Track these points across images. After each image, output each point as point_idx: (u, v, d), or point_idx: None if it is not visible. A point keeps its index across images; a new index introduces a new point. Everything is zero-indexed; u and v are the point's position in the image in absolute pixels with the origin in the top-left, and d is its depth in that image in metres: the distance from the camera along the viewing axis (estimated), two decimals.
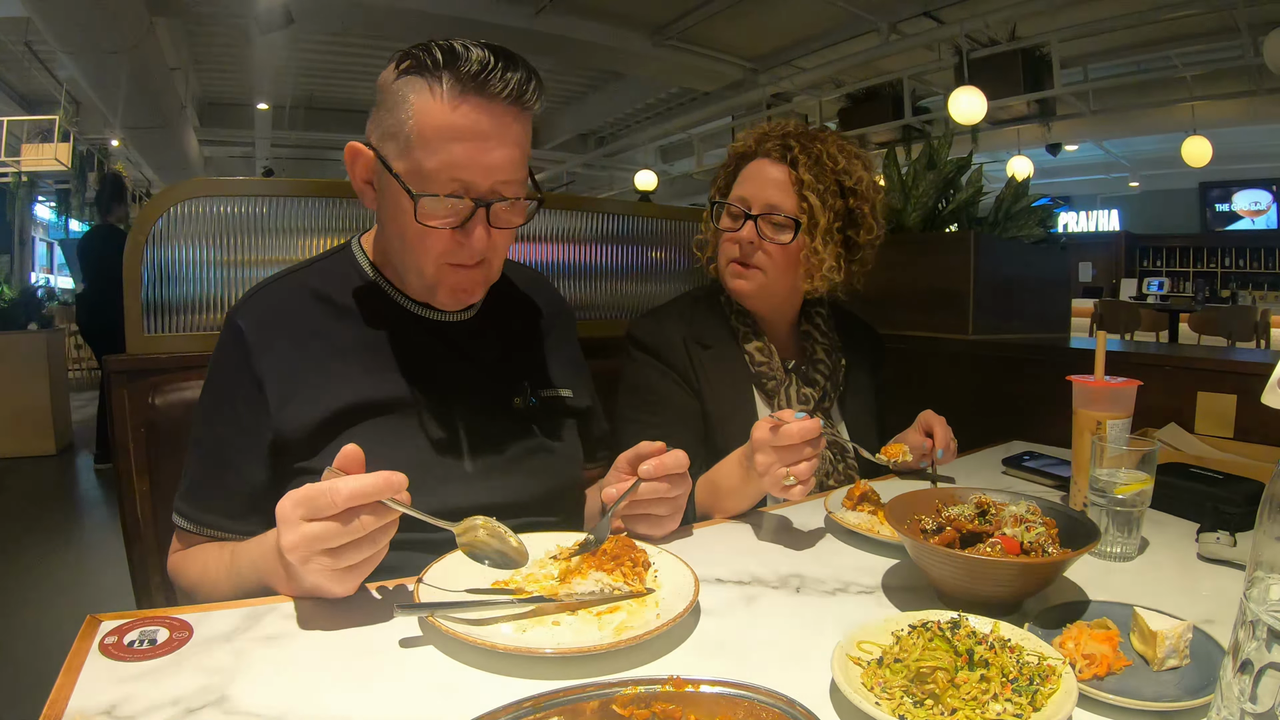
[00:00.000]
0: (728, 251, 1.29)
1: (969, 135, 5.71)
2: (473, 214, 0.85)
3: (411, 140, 0.82)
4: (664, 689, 0.56)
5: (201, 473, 0.91)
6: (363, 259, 0.99)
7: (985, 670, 0.57)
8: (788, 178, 1.25)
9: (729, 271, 1.29)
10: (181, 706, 0.57)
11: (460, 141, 0.81)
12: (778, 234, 1.25)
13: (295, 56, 7.36)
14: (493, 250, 0.90)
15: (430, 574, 0.77)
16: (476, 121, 0.81)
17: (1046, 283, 2.41)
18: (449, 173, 0.82)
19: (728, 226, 1.29)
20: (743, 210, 1.26)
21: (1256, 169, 10.07)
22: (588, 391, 1.13)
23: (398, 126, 0.83)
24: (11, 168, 8.21)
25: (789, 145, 1.25)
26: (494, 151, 0.83)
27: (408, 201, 0.83)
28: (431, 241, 0.86)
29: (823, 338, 1.37)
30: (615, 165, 10.98)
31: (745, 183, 1.28)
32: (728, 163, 1.34)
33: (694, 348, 1.27)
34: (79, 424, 5.90)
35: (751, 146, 1.29)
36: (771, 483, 0.94)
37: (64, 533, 3.76)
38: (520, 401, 1.00)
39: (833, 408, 1.34)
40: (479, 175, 0.83)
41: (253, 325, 0.90)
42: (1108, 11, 5.20)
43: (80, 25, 5.00)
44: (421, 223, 0.84)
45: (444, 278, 0.90)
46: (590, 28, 6.25)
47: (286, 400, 0.88)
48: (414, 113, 0.81)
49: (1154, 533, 0.99)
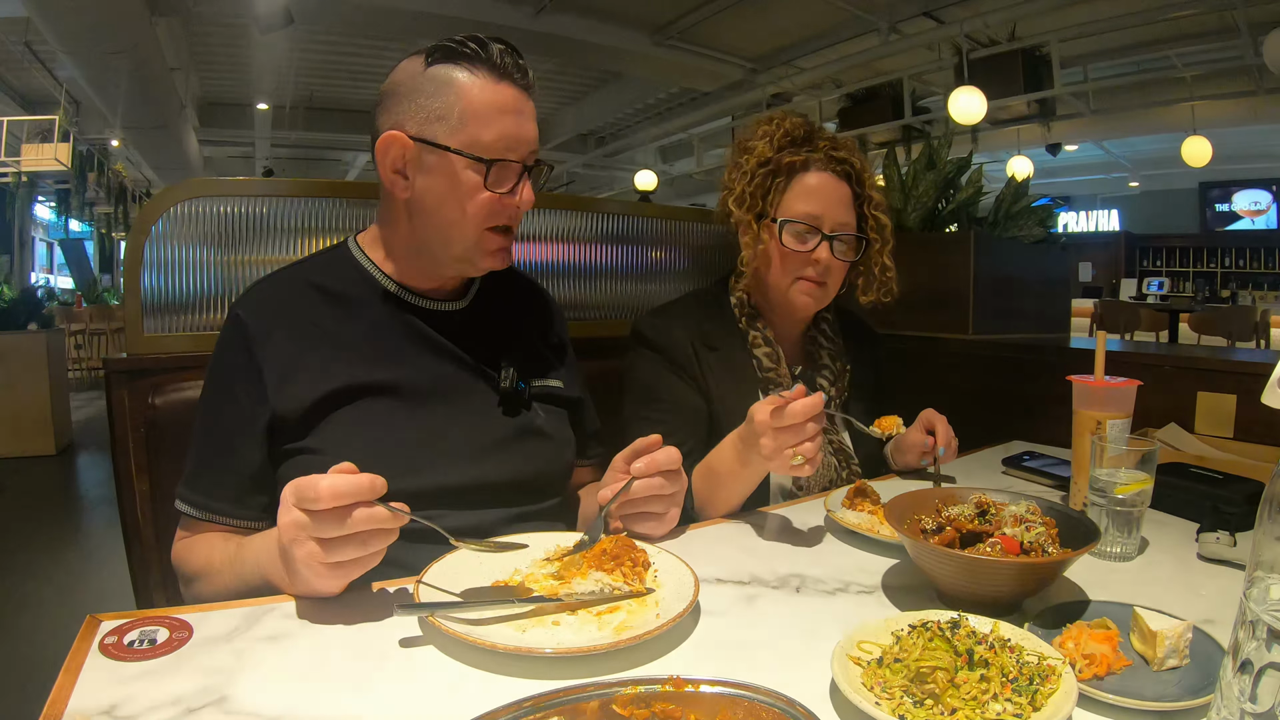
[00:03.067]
0: (796, 270, 1.25)
1: (969, 135, 5.73)
2: (520, 177, 0.95)
3: (465, 118, 0.90)
4: (664, 689, 0.56)
5: (204, 459, 0.93)
6: (360, 255, 1.01)
7: (985, 670, 0.57)
8: (850, 195, 1.26)
9: (799, 289, 1.26)
10: (181, 706, 0.57)
11: (508, 115, 0.92)
12: (847, 253, 1.26)
13: (295, 56, 7.36)
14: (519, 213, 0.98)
15: (430, 574, 0.77)
16: (515, 98, 0.92)
17: (1046, 283, 2.41)
18: (504, 141, 0.91)
19: (797, 246, 1.24)
20: (815, 229, 1.23)
21: (1256, 169, 10.08)
22: (578, 385, 1.15)
23: (446, 109, 0.90)
24: (11, 168, 8.22)
25: (843, 159, 1.25)
26: (527, 125, 0.94)
27: (468, 174, 0.91)
28: (479, 206, 0.92)
29: (829, 343, 1.37)
30: (615, 165, 10.98)
31: (807, 199, 1.24)
32: (771, 170, 1.25)
33: (701, 349, 1.26)
34: (79, 424, 5.90)
35: (800, 157, 1.24)
36: (780, 465, 0.94)
37: (64, 533, 3.76)
38: (509, 386, 1.02)
39: (836, 414, 1.33)
40: (523, 145, 0.94)
41: (253, 316, 0.93)
42: (1108, 11, 5.20)
43: (80, 25, 5.01)
44: (490, 189, 0.91)
45: (486, 242, 0.96)
46: (590, 28, 6.25)
47: (284, 382, 0.91)
48: (462, 94, 0.90)
49: (1154, 533, 0.99)
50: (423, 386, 0.96)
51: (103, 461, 4.99)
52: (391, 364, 0.95)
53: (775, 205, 1.25)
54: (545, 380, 1.08)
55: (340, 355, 0.93)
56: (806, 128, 1.28)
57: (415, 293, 1.00)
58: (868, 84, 6.68)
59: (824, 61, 6.72)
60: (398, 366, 0.96)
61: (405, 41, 7.16)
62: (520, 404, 1.03)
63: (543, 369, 1.08)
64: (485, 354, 1.03)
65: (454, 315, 1.03)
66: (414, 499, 0.92)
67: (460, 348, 1.01)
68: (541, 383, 1.07)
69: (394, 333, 0.98)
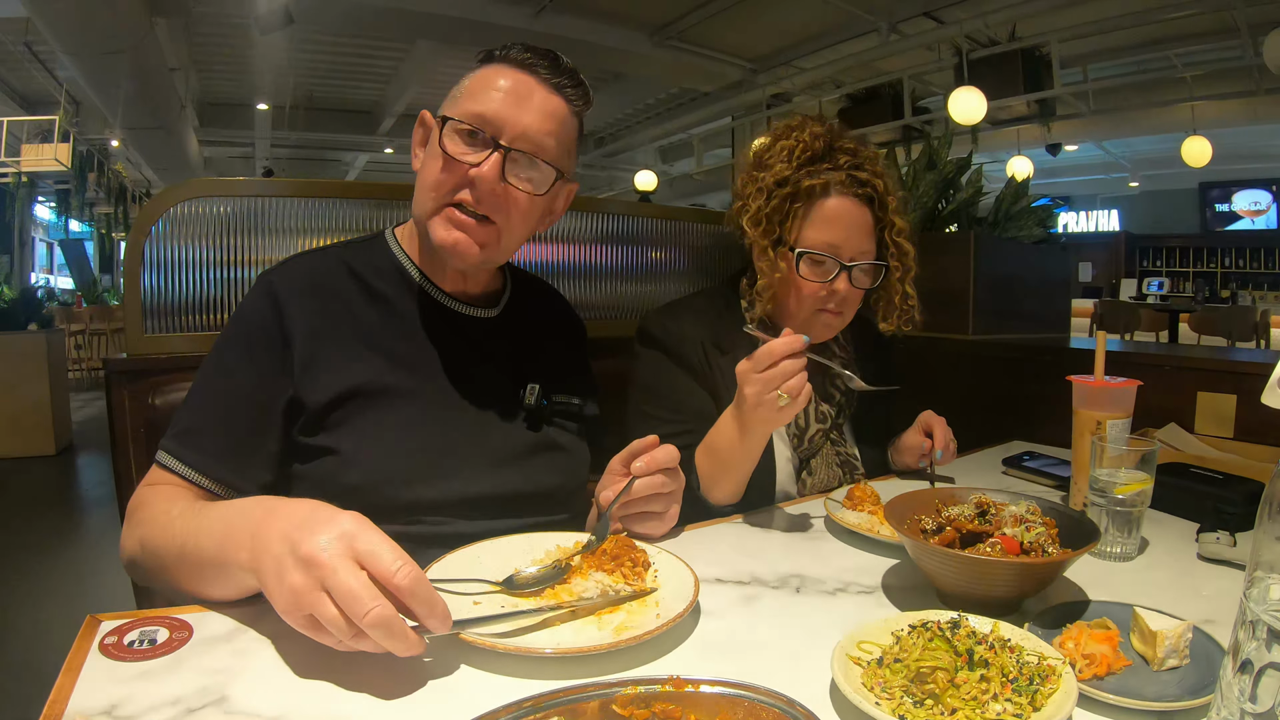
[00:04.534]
0: (814, 300, 1.19)
1: (969, 135, 5.71)
2: (489, 154, 0.88)
3: (462, 92, 0.92)
4: (664, 689, 0.56)
5: (207, 418, 0.87)
6: (396, 248, 1.01)
7: (985, 670, 0.57)
8: (871, 221, 1.19)
9: (819, 320, 1.21)
10: (181, 706, 0.57)
11: (500, 93, 0.90)
12: (866, 281, 1.20)
13: (295, 56, 7.36)
14: (500, 210, 0.90)
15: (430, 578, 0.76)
16: (521, 82, 0.91)
17: (1046, 283, 2.41)
18: (480, 111, 0.89)
19: (815, 276, 1.17)
20: (834, 259, 1.17)
21: (1256, 169, 10.07)
22: (595, 404, 1.15)
23: (458, 89, 0.93)
24: (11, 168, 8.23)
25: (866, 182, 1.18)
26: (528, 113, 0.90)
27: (437, 134, 0.89)
28: (442, 168, 0.89)
29: (840, 350, 1.35)
30: (615, 165, 10.99)
31: (827, 227, 1.17)
32: (789, 195, 1.17)
33: (711, 350, 1.24)
34: (79, 424, 5.90)
35: (820, 181, 1.16)
36: (767, 410, 0.94)
37: (64, 533, 3.75)
38: (532, 400, 1.01)
39: (845, 424, 1.33)
40: (507, 125, 0.89)
41: (286, 286, 0.92)
42: (1108, 11, 5.20)
43: (80, 25, 5.01)
44: (442, 149, 0.88)
45: (443, 214, 0.90)
46: (590, 28, 6.25)
47: (307, 366, 0.89)
48: (475, 76, 0.93)
49: (1154, 533, 0.99)
50: (447, 393, 0.95)
51: (103, 461, 4.99)
52: (418, 367, 0.95)
53: (793, 233, 1.18)
54: (566, 397, 1.07)
55: (367, 350, 0.92)
56: (827, 138, 1.20)
57: (446, 294, 1.00)
58: (868, 84, 6.68)
59: (824, 61, 6.72)
60: (424, 370, 0.95)
61: (405, 41, 7.18)
62: (541, 419, 1.02)
63: (565, 385, 1.08)
64: (512, 366, 1.02)
65: (485, 323, 1.02)
66: (429, 506, 0.91)
67: (487, 358, 1.00)
68: (562, 399, 1.06)
69: (422, 336, 0.97)
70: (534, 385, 1.02)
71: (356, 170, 12.09)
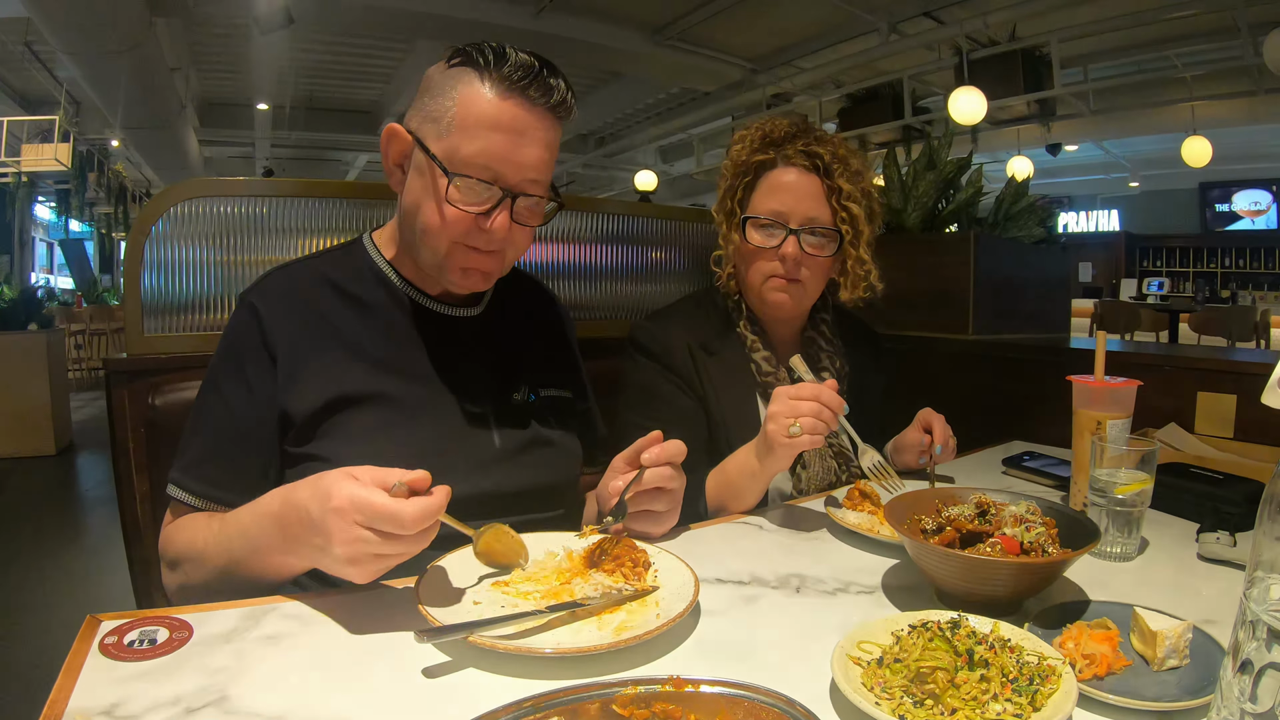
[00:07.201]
0: (766, 268, 1.24)
1: (969, 135, 5.72)
2: (499, 203, 0.88)
3: (453, 125, 0.86)
4: (664, 689, 0.56)
5: (210, 447, 0.90)
6: (375, 253, 1.01)
7: (985, 670, 0.57)
8: (821, 188, 1.22)
9: (770, 286, 1.24)
10: (181, 706, 0.57)
11: (499, 133, 0.85)
12: (820, 247, 1.23)
13: (295, 56, 7.34)
14: (510, 244, 0.92)
15: (428, 581, 0.76)
16: (516, 118, 0.86)
17: (1046, 283, 2.41)
18: (484, 159, 0.85)
19: (764, 243, 1.23)
20: (781, 225, 1.22)
21: (1256, 169, 10.07)
22: (586, 395, 1.15)
23: (441, 112, 0.86)
24: (11, 168, 8.22)
25: (814, 153, 1.22)
26: (528, 149, 0.87)
27: (441, 181, 0.86)
28: (454, 221, 0.87)
29: (827, 344, 1.36)
30: (615, 165, 10.97)
31: (774, 195, 1.23)
32: (741, 171, 1.26)
33: (699, 353, 1.26)
34: (79, 424, 5.90)
35: (769, 155, 1.24)
36: (776, 429, 0.97)
37: (64, 533, 3.75)
38: (520, 397, 1.01)
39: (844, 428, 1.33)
40: (511, 169, 0.87)
41: (266, 303, 0.92)
42: (1108, 11, 5.20)
43: (80, 25, 5.00)
44: (450, 203, 0.86)
45: (457, 258, 0.91)
46: (590, 28, 6.24)
47: (292, 379, 0.89)
48: (459, 100, 0.85)
49: (1154, 533, 0.99)
50: (434, 395, 0.95)
51: (103, 461, 4.99)
52: (404, 370, 0.95)
53: (745, 205, 1.26)
54: (555, 390, 1.07)
55: (350, 358, 0.92)
56: (790, 128, 1.25)
57: (427, 296, 0.99)
58: (868, 84, 6.67)
59: (824, 61, 6.71)
60: (410, 373, 0.95)
61: (405, 42, 7.18)
62: (530, 415, 1.02)
63: (553, 379, 1.08)
64: (497, 364, 1.02)
65: (467, 323, 1.02)
66: None
67: (472, 357, 1.00)
68: (551, 393, 1.06)
69: (406, 339, 0.97)
70: (521, 381, 1.02)
71: (356, 170, 12.08)
